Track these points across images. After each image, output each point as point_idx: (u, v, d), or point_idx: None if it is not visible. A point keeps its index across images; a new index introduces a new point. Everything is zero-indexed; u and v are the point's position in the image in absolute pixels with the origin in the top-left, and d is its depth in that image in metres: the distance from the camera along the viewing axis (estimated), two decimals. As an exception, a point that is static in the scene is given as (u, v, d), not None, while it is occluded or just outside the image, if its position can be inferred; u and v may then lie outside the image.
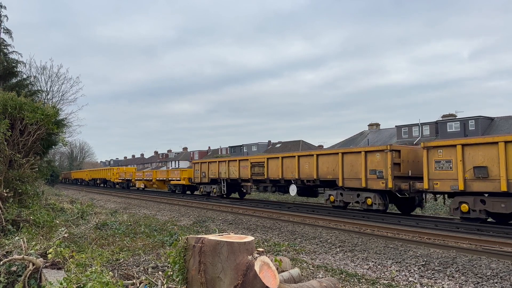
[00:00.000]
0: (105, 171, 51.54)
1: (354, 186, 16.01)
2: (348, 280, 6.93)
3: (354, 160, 16.05)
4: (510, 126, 44.78)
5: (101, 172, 52.97)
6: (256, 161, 21.99)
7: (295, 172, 18.75)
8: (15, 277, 5.50)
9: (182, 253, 3.88)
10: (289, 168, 19.24)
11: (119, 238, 9.44)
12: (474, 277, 7.19)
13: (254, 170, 21.71)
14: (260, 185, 22.55)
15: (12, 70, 20.84)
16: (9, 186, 9.47)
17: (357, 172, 15.80)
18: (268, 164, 20.71)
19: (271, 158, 20.84)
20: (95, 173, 55.47)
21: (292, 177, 19.07)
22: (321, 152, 18.12)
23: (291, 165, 19.13)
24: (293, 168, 18.94)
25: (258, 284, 3.48)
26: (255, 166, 21.67)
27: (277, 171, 20.01)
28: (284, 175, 19.53)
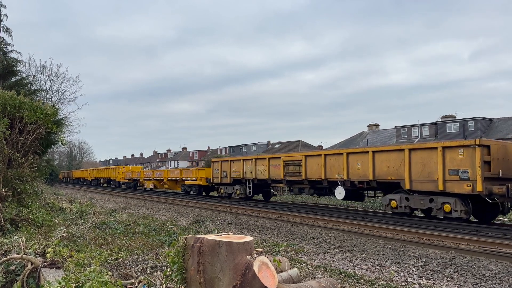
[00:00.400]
0: (109, 170, 49.09)
1: (426, 189, 13.59)
2: (346, 281, 6.93)
3: (426, 157, 13.63)
4: (509, 127, 44.85)
5: (105, 171, 50.69)
6: (291, 159, 19.52)
7: (343, 172, 16.46)
8: (13, 276, 5.50)
9: (181, 253, 3.88)
10: (335, 168, 16.92)
11: (118, 237, 9.45)
12: (472, 278, 7.20)
13: (288, 170, 19.38)
14: (294, 187, 19.75)
15: (12, 69, 20.83)
16: (8, 185, 9.47)
17: (431, 173, 13.39)
18: (307, 163, 18.34)
19: (311, 156, 18.49)
20: (99, 172, 53.33)
21: (338, 178, 16.77)
22: (379, 148, 15.77)
23: (338, 164, 16.78)
24: (340, 168, 16.62)
25: (257, 284, 3.48)
26: (290, 165, 19.34)
27: (318, 170, 17.66)
28: (328, 176, 17.21)
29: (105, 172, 50.22)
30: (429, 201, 13.55)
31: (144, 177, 37.69)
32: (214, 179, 25.66)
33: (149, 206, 21.75)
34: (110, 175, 47.14)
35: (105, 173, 49.84)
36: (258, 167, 21.59)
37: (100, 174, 52.00)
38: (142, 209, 20.53)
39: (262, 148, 75.63)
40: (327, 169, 17.33)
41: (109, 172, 48.31)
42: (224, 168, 24.56)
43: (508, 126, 45.14)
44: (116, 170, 45.76)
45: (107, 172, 49.28)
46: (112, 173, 46.80)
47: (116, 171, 45.58)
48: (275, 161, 20.52)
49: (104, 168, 53.61)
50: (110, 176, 47.09)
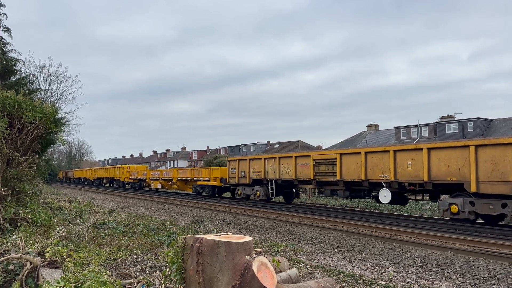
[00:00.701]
0: (113, 169, 46.99)
1: (498, 192, 11.76)
2: (345, 281, 6.94)
3: (498, 155, 11.76)
4: (508, 128, 44.90)
5: (108, 170, 48.58)
6: (322, 157, 17.69)
7: (389, 172, 14.63)
8: (12, 276, 5.49)
9: (180, 253, 3.88)
10: (379, 167, 15.07)
11: (117, 237, 9.44)
12: (471, 278, 7.21)
13: (319, 169, 17.58)
14: (325, 188, 17.84)
15: (11, 68, 20.81)
16: (7, 185, 9.46)
17: (505, 173, 11.56)
18: (342, 162, 16.54)
19: (348, 154, 16.71)
20: (101, 172, 51.32)
21: (383, 179, 14.95)
22: (436, 145, 13.87)
23: (382, 163, 14.95)
24: (386, 167, 14.78)
25: (256, 284, 3.48)
26: (321, 164, 17.52)
27: (357, 170, 15.87)
28: (370, 176, 15.38)
29: (108, 172, 48.30)
30: (501, 206, 11.66)
31: (151, 176, 36.08)
32: (231, 180, 23.74)
33: (148, 206, 21.74)
34: (114, 175, 45.27)
35: (108, 172, 47.97)
36: (283, 167, 19.77)
37: (103, 173, 50.13)
38: (141, 209, 20.52)
39: (261, 148, 75.68)
40: (368, 169, 15.46)
41: (113, 171, 46.49)
42: (242, 168, 22.75)
43: (507, 126, 45.20)
44: (120, 170, 43.71)
45: (110, 172, 47.43)
46: (115, 173, 44.90)
47: (120, 170, 43.59)
48: (303, 159, 18.68)
49: (107, 168, 51.43)
50: (114, 176, 45.21)
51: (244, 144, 79.01)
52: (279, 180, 20.17)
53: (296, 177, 18.91)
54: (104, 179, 49.25)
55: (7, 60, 20.49)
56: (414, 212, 18.49)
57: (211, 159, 51.87)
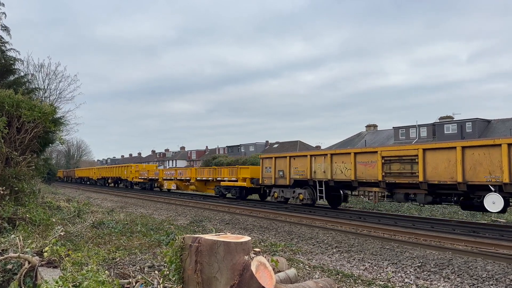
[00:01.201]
0: (119, 168, 43.62)
1: None
2: (344, 281, 6.94)
3: None
4: (507, 129, 44.99)
5: (114, 169, 45.26)
6: (396, 154, 14.50)
7: (500, 173, 11.50)
8: (10, 275, 5.48)
9: (179, 253, 3.88)
10: (483, 166, 11.90)
11: (115, 237, 9.43)
12: (469, 278, 7.22)
13: (391, 169, 14.49)
14: (398, 192, 14.65)
15: (10, 67, 20.78)
16: (5, 184, 9.45)
17: None
18: (426, 159, 13.42)
19: (435, 149, 13.35)
20: (106, 171, 47.98)
21: (491, 181, 11.75)
22: None
23: (490, 160, 11.76)
24: (495, 166, 11.62)
25: (254, 284, 3.48)
26: (394, 163, 14.43)
27: (450, 170, 12.70)
28: (469, 177, 12.18)
29: (114, 171, 45.06)
30: None
31: (164, 176, 32.96)
32: (264, 180, 20.57)
33: (146, 206, 21.73)
34: (121, 174, 42.12)
35: (114, 171, 44.74)
36: (337, 165, 16.84)
37: (108, 173, 46.98)
38: (139, 208, 20.51)
39: (260, 148, 75.71)
40: (466, 168, 12.27)
41: (119, 171, 43.20)
42: (279, 166, 19.73)
43: (506, 127, 45.29)
44: (128, 169, 40.52)
45: (116, 171, 44.15)
46: (122, 172, 41.68)
47: (128, 169, 40.38)
48: (367, 157, 15.64)
49: (113, 167, 47.76)
50: (121, 175, 42.07)
51: (243, 144, 79.05)
52: (330, 182, 17.10)
53: (356, 178, 15.92)
54: (109, 178, 46.33)
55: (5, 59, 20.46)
56: (413, 212, 18.51)
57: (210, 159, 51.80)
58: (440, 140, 48.82)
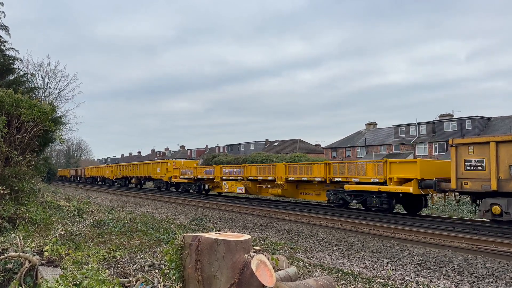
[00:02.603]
0: (149, 166, 35.15)
1: None
2: (344, 279, 6.95)
3: None
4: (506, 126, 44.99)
5: (141, 167, 36.53)
6: None
7: None
8: (11, 274, 5.49)
9: (179, 251, 3.88)
10: None
11: (115, 236, 9.43)
12: (469, 276, 7.22)
13: None
14: None
15: (9, 67, 20.77)
16: (5, 183, 9.45)
17: None
18: None
19: None
20: (129, 169, 39.52)
21: None
22: None
23: None
24: None
25: (254, 283, 3.48)
26: None
27: None
28: None
29: (141, 169, 36.40)
30: None
31: (224, 175, 24.11)
32: (467, 183, 12.25)
33: (146, 205, 21.74)
34: (151, 173, 34.05)
35: (141, 169, 36.19)
36: None
37: (132, 171, 38.44)
38: (139, 207, 20.51)
39: (260, 146, 75.75)
40: None
41: (148, 168, 34.77)
42: (507, 159, 11.52)
43: (506, 124, 45.30)
44: (163, 166, 32.47)
45: (144, 169, 35.75)
46: (153, 170, 33.62)
47: (163, 166, 32.37)
48: None
49: (139, 164, 38.44)
50: (151, 174, 34.08)
51: (243, 143, 79.10)
52: None
53: None
54: (132, 178, 38.58)
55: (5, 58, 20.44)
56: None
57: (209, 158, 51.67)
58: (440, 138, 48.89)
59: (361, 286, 6.53)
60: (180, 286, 3.84)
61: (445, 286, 6.81)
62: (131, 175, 38.99)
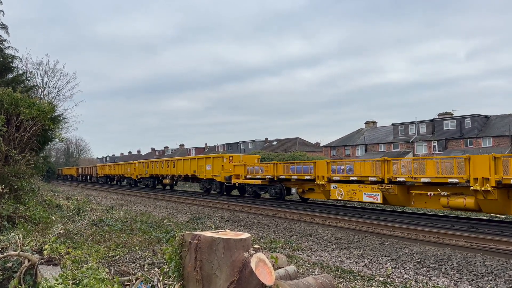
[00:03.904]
0: (193, 162, 26.90)
1: None
2: (343, 277, 6.96)
3: None
4: (505, 125, 45.00)
5: (180, 164, 28.37)
6: None
7: None
8: (10, 273, 5.49)
9: (178, 250, 3.88)
10: None
11: (115, 234, 9.43)
12: (469, 274, 7.24)
13: None
14: None
15: (8, 65, 20.75)
16: (4, 182, 9.43)
17: None
18: None
19: None
20: (160, 167, 31.48)
21: None
22: None
23: None
24: None
25: (254, 281, 3.48)
26: None
27: None
28: None
29: (180, 166, 28.21)
30: None
31: (335, 175, 16.57)
32: None
33: (146, 203, 21.73)
34: (198, 171, 26.01)
35: (180, 167, 28.18)
36: None
37: (165, 169, 30.59)
38: (139, 206, 20.51)
39: (259, 145, 75.73)
40: None
41: (192, 165, 26.73)
42: None
43: (505, 123, 45.30)
44: (216, 162, 24.39)
45: (185, 166, 27.49)
46: (200, 168, 25.77)
47: (216, 163, 24.36)
48: None
49: (178, 159, 29.40)
50: (198, 173, 26.05)
51: (242, 141, 79.09)
52: None
53: None
54: (166, 177, 30.95)
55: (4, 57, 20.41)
56: (412, 208, 18.52)
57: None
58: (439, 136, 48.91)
59: (360, 285, 6.54)
60: (179, 285, 3.84)
61: (444, 284, 6.82)
62: (163, 174, 31.20)
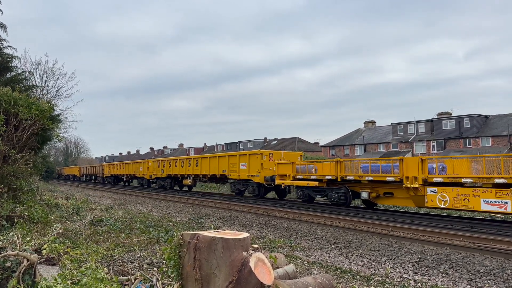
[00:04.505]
0: (222, 159, 22.98)
1: None
2: (342, 277, 6.96)
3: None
4: (504, 124, 45.04)
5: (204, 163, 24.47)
6: None
7: None
8: (9, 273, 5.48)
9: (177, 250, 3.88)
10: None
11: (114, 234, 9.43)
12: (467, 274, 7.25)
13: None
14: None
15: (7, 65, 20.72)
16: (3, 182, 9.43)
17: None
18: None
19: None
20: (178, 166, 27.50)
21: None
22: None
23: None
24: None
25: (253, 280, 3.48)
26: None
27: None
28: None
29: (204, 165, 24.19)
30: None
31: (437, 176, 12.54)
32: None
33: (145, 203, 21.72)
34: (229, 171, 22.13)
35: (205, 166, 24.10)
36: None
37: (185, 168, 26.51)
38: (138, 205, 20.50)
39: (258, 144, 75.71)
40: None
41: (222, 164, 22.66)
42: None
43: (504, 123, 45.34)
44: (253, 160, 20.44)
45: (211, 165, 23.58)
46: (233, 167, 21.51)
47: (253, 161, 20.40)
48: None
49: (202, 157, 25.68)
50: (229, 173, 22.23)
51: (242, 141, 79.08)
52: None
53: None
54: (187, 178, 27.14)
55: (3, 56, 20.38)
56: (411, 208, 18.54)
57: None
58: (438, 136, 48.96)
59: (359, 284, 6.55)
60: (178, 284, 3.84)
61: (443, 284, 6.83)
62: (183, 174, 27.38)
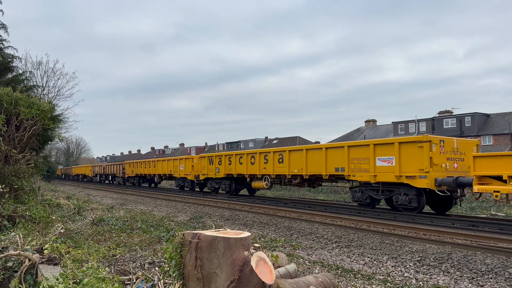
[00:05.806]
0: (342, 151, 15.20)
1: None
2: (344, 276, 6.96)
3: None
4: (506, 123, 44.98)
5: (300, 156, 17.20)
6: None
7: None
8: (11, 272, 5.49)
9: (179, 249, 3.88)
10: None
11: (115, 233, 9.44)
12: (469, 272, 7.24)
13: None
14: None
15: (8, 65, 20.74)
16: (4, 182, 9.44)
17: None
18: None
19: None
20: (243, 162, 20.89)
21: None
22: None
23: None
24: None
25: (254, 280, 3.48)
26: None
27: None
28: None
29: (293, 160, 17.65)
30: None
31: None
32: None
33: (146, 203, 21.73)
34: (346, 168, 14.97)
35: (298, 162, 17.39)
36: None
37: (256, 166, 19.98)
38: (139, 205, 20.52)
39: (259, 144, 75.75)
40: None
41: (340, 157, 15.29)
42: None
43: (505, 121, 45.28)
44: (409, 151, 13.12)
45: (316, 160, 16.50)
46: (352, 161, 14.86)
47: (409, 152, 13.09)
48: None
49: (286, 149, 18.33)
50: (348, 172, 14.92)
51: (242, 140, 79.13)
52: None
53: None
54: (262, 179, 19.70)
55: (3, 56, 20.40)
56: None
57: (209, 155, 51.26)
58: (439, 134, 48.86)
59: (360, 283, 6.55)
60: (180, 284, 3.85)
61: (445, 283, 6.82)
62: (256, 174, 20.23)
